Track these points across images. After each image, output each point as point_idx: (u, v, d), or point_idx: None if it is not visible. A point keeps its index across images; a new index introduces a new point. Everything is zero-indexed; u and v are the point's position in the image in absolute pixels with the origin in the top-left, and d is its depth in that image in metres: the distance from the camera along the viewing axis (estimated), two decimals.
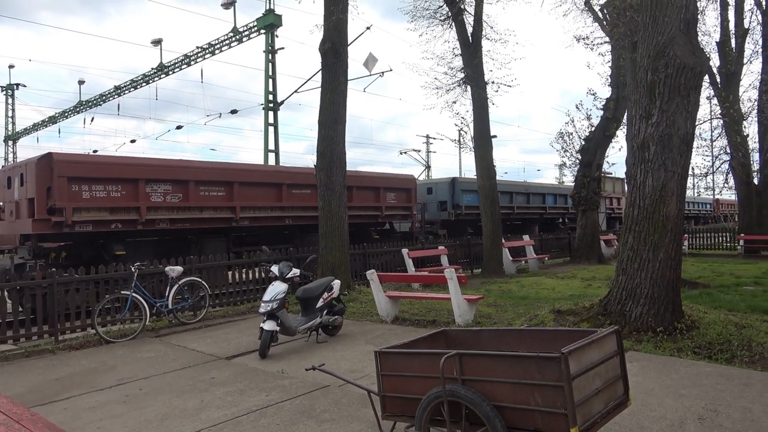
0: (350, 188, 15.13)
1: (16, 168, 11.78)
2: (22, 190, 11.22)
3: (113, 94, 33.96)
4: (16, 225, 11.46)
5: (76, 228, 10.85)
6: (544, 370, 2.98)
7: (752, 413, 4.43)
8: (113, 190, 11.33)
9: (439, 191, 21.34)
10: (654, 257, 6.82)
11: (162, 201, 12.06)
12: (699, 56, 7.06)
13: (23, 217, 11.09)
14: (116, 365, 6.93)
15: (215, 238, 13.34)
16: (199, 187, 12.72)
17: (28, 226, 10.78)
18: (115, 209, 11.35)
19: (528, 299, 10.70)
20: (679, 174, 6.90)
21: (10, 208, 11.66)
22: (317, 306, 7.67)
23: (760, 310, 8.46)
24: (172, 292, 9.26)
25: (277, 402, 5.20)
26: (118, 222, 11.41)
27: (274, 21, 24.94)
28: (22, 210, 11.14)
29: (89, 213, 10.98)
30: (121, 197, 11.43)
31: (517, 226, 24.11)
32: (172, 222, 12.25)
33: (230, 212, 13.28)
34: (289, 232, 15.11)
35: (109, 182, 11.29)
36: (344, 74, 11.83)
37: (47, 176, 10.64)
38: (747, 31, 20.68)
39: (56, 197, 10.56)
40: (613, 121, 18.59)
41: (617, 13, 10.86)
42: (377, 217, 17.20)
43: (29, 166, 10.96)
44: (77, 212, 10.80)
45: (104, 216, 11.20)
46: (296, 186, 14.66)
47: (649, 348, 6.36)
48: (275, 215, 14.23)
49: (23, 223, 11.04)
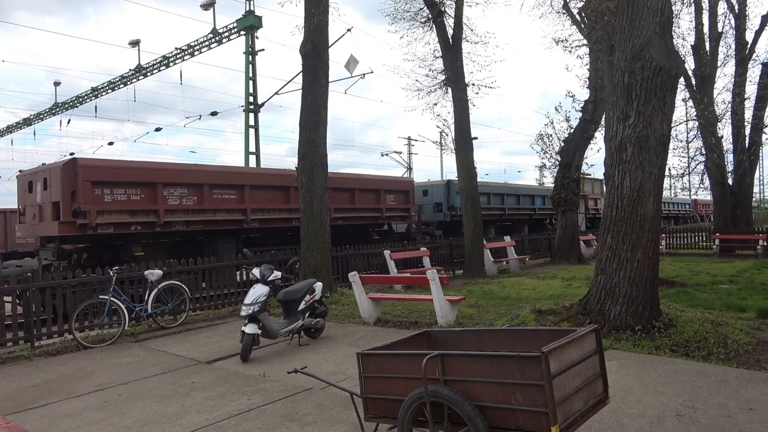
0: (352, 190, 16.68)
1: (39, 173, 12.13)
2: (45, 194, 11.67)
3: (90, 95, 33.43)
4: (39, 227, 11.90)
5: (99, 230, 11.34)
6: (525, 370, 3.01)
7: (728, 409, 4.52)
8: (133, 193, 11.83)
9: (434, 193, 22.15)
10: (632, 257, 6.92)
11: (178, 204, 12.58)
12: (674, 59, 7.19)
13: (47, 219, 11.52)
14: (94, 371, 6.82)
15: (226, 240, 13.78)
16: (212, 190, 13.26)
17: (53, 228, 11.18)
18: (135, 212, 11.85)
19: (509, 299, 10.78)
20: (655, 174, 7.01)
21: (33, 211, 12.08)
22: (299, 309, 7.63)
23: (735, 308, 8.64)
24: (152, 296, 9.15)
25: (258, 406, 5.17)
26: (137, 224, 11.89)
27: (254, 22, 24.80)
28: (46, 213, 11.57)
29: (111, 216, 11.50)
30: (140, 200, 11.92)
31: (507, 226, 24.88)
32: (187, 224, 12.76)
33: (242, 214, 13.83)
34: (294, 233, 15.30)
35: (130, 186, 11.78)
36: (325, 76, 11.81)
37: (72, 180, 11.08)
38: (720, 34, 21.10)
39: (81, 200, 11.02)
40: (592, 122, 18.82)
41: (595, 16, 11.02)
42: (378, 218, 17.83)
43: (54, 171, 11.36)
44: (100, 215, 11.31)
45: (125, 218, 11.70)
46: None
47: (627, 346, 6.45)
48: (283, 217, 14.86)
49: (48, 225, 11.46)
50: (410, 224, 19.88)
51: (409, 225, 19.89)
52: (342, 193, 16.68)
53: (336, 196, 15.96)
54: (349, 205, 16.89)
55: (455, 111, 15.79)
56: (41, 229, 11.88)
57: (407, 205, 19.00)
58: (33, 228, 12.27)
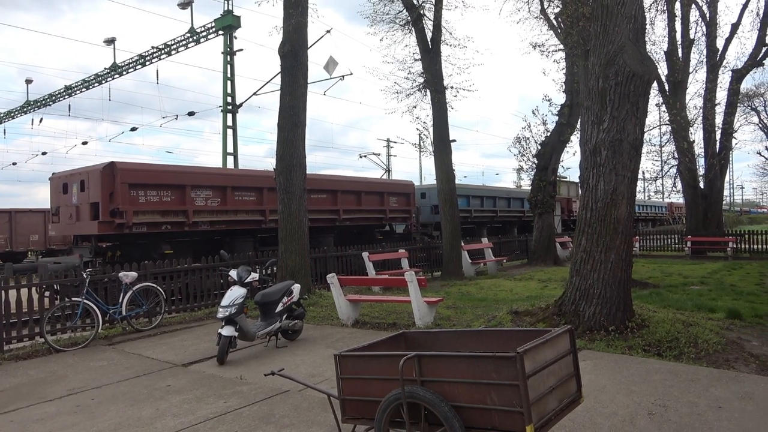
0: (359, 193, 17.87)
1: (75, 175, 12.77)
2: (82, 195, 12.34)
3: (63, 94, 32.79)
4: (76, 226, 12.60)
5: (134, 229, 12.04)
6: (500, 370, 3.04)
7: (698, 407, 4.63)
8: (164, 195, 12.59)
9: (432, 196, 22.66)
10: (606, 258, 7.04)
11: (204, 205, 13.46)
12: (647, 65, 7.34)
13: (85, 219, 12.20)
14: (66, 375, 6.69)
15: (244, 238, 14.58)
16: (234, 192, 14.14)
17: (93, 228, 11.88)
18: (166, 212, 12.59)
19: (487, 301, 10.87)
20: (629, 178, 7.14)
21: (69, 211, 12.70)
22: (277, 310, 7.59)
23: (705, 308, 8.82)
24: (126, 299, 9.01)
25: (235, 408, 5.13)
26: (167, 224, 12.65)
27: (232, 22, 24.62)
28: (83, 213, 12.25)
29: (145, 216, 12.23)
30: (170, 201, 12.68)
31: (498, 228, 25.76)
32: (211, 224, 13.62)
33: (260, 215, 14.72)
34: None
35: (161, 188, 12.52)
36: (304, 77, 11.78)
37: (110, 183, 11.81)
38: (692, 41, 21.61)
39: (119, 201, 11.75)
40: (568, 126, 19.07)
41: (571, 22, 11.17)
42: (382, 219, 18.87)
43: (92, 174, 12.04)
44: (136, 215, 12.02)
45: (157, 218, 12.46)
46: (314, 191, 15.83)
47: (601, 346, 6.56)
48: None
49: (86, 224, 12.16)
50: (410, 225, 20.75)
51: (409, 226, 20.79)
52: (349, 195, 17.63)
53: (344, 199, 17.18)
54: (356, 206, 17.84)
55: (434, 113, 15.87)
56: (78, 228, 12.56)
57: (408, 207, 19.94)
58: (69, 227, 12.91)
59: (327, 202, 16.62)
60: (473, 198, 23.69)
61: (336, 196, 16.95)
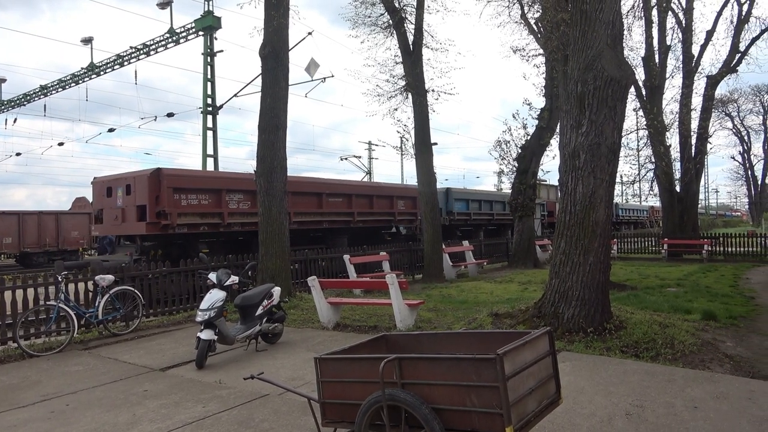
0: (371, 197, 19.07)
1: (120, 179, 13.74)
2: (128, 199, 13.22)
3: (39, 93, 32.22)
4: (122, 227, 13.54)
5: (177, 230, 12.87)
6: (480, 372, 3.05)
7: (675, 407, 4.70)
8: (202, 198, 13.57)
9: None
10: (584, 261, 7.12)
11: (237, 208, 14.46)
12: (625, 70, 7.46)
13: (131, 220, 13.09)
14: (40, 380, 6.55)
15: None
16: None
17: (140, 228, 12.79)
18: (204, 214, 13.58)
19: (467, 303, 10.91)
20: (606, 181, 7.24)
21: (115, 213, 13.61)
22: (257, 314, 7.53)
23: (681, 310, 8.98)
24: (103, 302, 8.86)
25: (214, 413, 5.07)
26: (205, 225, 13.64)
27: (213, 23, 24.44)
28: (129, 215, 13.15)
29: (186, 218, 13.15)
30: (208, 204, 13.65)
31: (493, 230, 26.59)
32: (242, 225, 14.54)
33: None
34: (323, 234, 17.53)
35: (200, 192, 13.49)
36: (285, 79, 11.72)
37: (156, 187, 12.70)
38: (669, 47, 21.98)
39: (164, 204, 12.63)
40: (548, 130, 19.26)
41: (551, 27, 11.31)
42: (391, 221, 20.08)
43: (139, 179, 12.97)
44: (179, 217, 12.88)
45: (196, 220, 13.45)
46: (332, 195, 17.29)
47: (580, 348, 6.62)
48: (316, 220, 16.88)
49: (132, 225, 13.07)
50: (416, 227, 21.47)
51: (414, 227, 21.59)
52: (363, 199, 18.76)
53: (358, 202, 18.33)
54: (369, 209, 18.94)
55: (415, 116, 15.91)
56: (124, 228, 13.52)
57: (414, 210, 20.89)
58: (114, 228, 13.86)
59: (343, 205, 17.73)
60: (472, 202, 24.76)
61: (351, 200, 17.98)
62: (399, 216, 20.35)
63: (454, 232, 23.79)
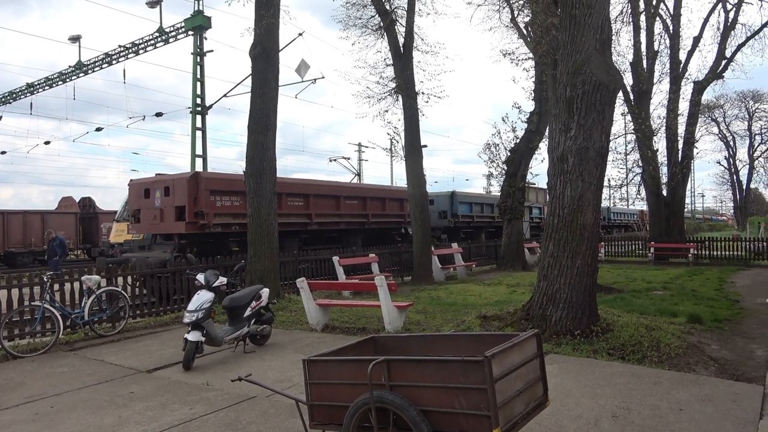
0: (383, 199, 20.47)
1: (158, 182, 14.76)
2: (167, 200, 14.17)
3: (25, 91, 31.86)
4: (160, 226, 14.51)
5: (212, 229, 13.85)
6: (468, 374, 3.06)
7: (660, 410, 4.74)
8: (234, 200, 14.61)
9: (440, 202, 25.27)
10: (572, 264, 7.16)
11: None
12: (613, 75, 7.52)
13: (169, 220, 14.03)
14: (25, 382, 6.47)
15: (291, 238, 16.33)
16: (287, 198, 16.28)
17: (179, 227, 13.72)
18: (236, 215, 14.55)
19: (456, 305, 10.93)
20: (594, 185, 7.29)
21: (153, 213, 14.54)
22: (245, 315, 7.49)
23: (667, 313, 9.06)
24: (89, 303, 8.77)
25: (201, 415, 5.04)
26: (236, 225, 14.59)
27: (202, 23, 24.31)
28: (168, 215, 14.08)
29: (221, 218, 14.28)
30: (239, 205, 14.52)
31: (493, 232, 27.27)
32: None
33: (307, 218, 17.03)
34: (338, 234, 18.90)
35: (232, 194, 14.52)
36: (275, 80, 11.69)
37: (195, 189, 13.68)
38: (656, 53, 22.20)
39: (202, 205, 13.65)
40: (537, 133, 19.34)
41: (540, 31, 11.36)
42: (401, 223, 21.33)
43: (178, 181, 13.97)
44: (215, 217, 13.91)
45: (228, 220, 14.58)
46: (349, 198, 18.79)
47: (567, 350, 6.66)
48: (334, 221, 18.20)
49: (170, 224, 13.98)
50: None
51: None
52: (376, 201, 20.06)
53: (372, 204, 19.62)
54: (381, 211, 20.22)
55: (405, 119, 15.92)
56: (162, 227, 14.52)
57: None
58: (152, 227, 14.86)
59: (358, 207, 19.12)
60: (475, 205, 26.00)
61: (366, 202, 19.32)
62: (409, 218, 20.78)
63: (459, 233, 25.01)
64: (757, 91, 50.48)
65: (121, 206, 25.36)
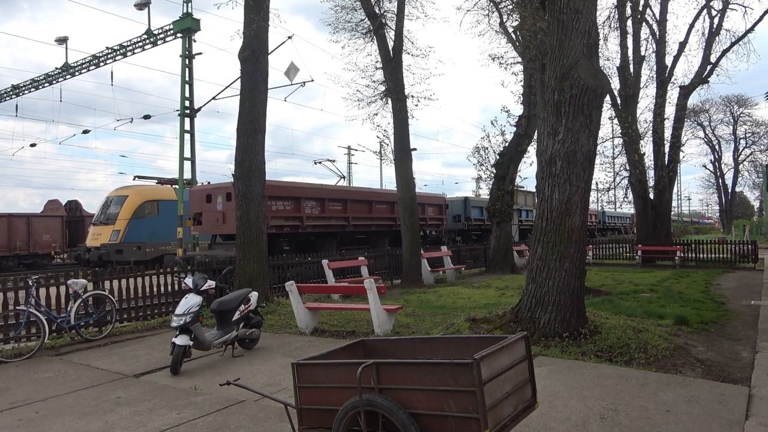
0: None
1: (219, 188, 16.79)
2: (228, 204, 15.71)
3: (10, 93, 31.50)
4: (222, 228, 16.35)
5: (268, 231, 14.18)
6: (457, 377, 3.06)
7: (648, 411, 4.78)
8: (285, 204, 16.46)
9: (454, 207, 27.17)
10: (560, 266, 7.21)
11: (311, 212, 17.73)
12: (600, 79, 7.59)
13: (230, 223, 15.10)
14: (9, 387, 6.38)
15: (329, 239, 18.54)
16: (328, 203, 18.48)
17: None
18: (287, 218, 16.40)
19: (445, 308, 10.94)
20: (582, 188, 7.35)
21: (215, 216, 16.55)
22: (233, 319, 7.45)
23: (655, 315, 9.13)
24: (75, 307, 8.68)
25: (189, 420, 5.00)
26: (287, 227, 16.55)
27: (191, 25, 24.18)
28: (229, 218, 15.39)
29: (275, 220, 15.79)
30: (289, 209, 16.50)
31: None
32: (314, 227, 17.94)
33: (344, 221, 19.35)
34: (367, 236, 21.09)
35: (283, 199, 16.36)
36: (264, 82, 11.66)
37: None
38: (643, 58, 22.45)
39: None
40: (525, 137, 19.45)
41: (529, 36, 11.45)
42: (423, 226, 22.65)
43: None
44: (271, 220, 15.01)
45: (281, 222, 16.43)
46: (379, 202, 21.26)
47: (556, 353, 6.70)
48: (366, 223, 20.40)
49: (231, 226, 14.44)
50: (441, 231, 24.74)
51: (440, 231, 24.81)
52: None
53: (396, 209, 20.29)
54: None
55: (395, 122, 15.95)
56: (224, 229, 16.20)
57: (441, 216, 24.68)
58: (215, 228, 16.78)
59: (387, 211, 21.35)
60: (485, 209, 26.33)
61: (393, 206, 20.87)
62: (429, 221, 23.91)
63: (471, 235, 26.72)
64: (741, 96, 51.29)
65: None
